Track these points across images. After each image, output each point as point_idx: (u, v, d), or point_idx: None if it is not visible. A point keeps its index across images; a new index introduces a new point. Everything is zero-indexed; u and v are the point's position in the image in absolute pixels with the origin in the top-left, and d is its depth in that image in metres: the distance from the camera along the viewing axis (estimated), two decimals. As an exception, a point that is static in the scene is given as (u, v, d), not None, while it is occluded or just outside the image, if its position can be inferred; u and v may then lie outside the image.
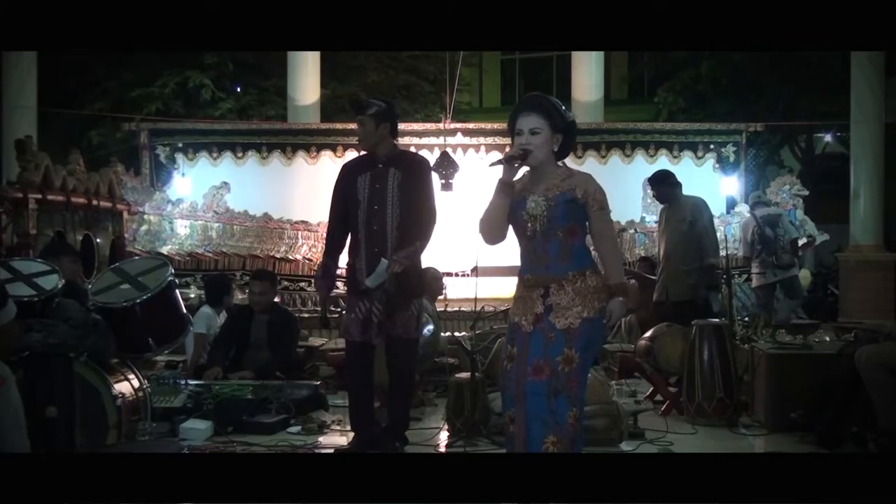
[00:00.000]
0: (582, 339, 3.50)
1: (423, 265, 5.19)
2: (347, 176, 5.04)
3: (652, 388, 6.67)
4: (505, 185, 3.52)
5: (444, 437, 5.45)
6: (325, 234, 5.68)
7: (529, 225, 3.54)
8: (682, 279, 6.97)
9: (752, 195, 9.73)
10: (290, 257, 10.17)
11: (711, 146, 10.94)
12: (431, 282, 7.19)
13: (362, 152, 5.25)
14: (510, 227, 3.64)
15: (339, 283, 6.43)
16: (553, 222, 3.53)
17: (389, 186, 4.90)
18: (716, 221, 9.96)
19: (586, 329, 3.51)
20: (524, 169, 3.63)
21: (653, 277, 7.66)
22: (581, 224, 3.60)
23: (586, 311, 3.51)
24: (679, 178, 7.33)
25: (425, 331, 6.47)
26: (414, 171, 4.99)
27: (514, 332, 3.61)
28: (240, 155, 10.89)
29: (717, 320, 6.40)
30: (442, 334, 7.12)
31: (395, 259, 4.80)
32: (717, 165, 10.88)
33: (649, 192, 8.92)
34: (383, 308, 4.89)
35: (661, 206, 7.38)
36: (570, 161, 3.81)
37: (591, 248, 3.70)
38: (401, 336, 4.99)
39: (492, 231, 3.58)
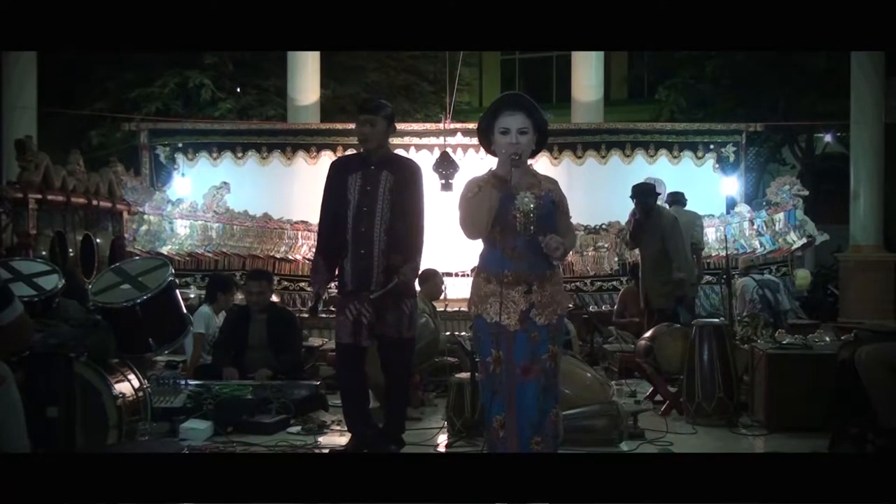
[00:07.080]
0: (559, 335, 3.69)
1: (423, 265, 5.18)
2: (338, 174, 4.96)
3: (652, 388, 6.68)
4: (500, 180, 3.56)
5: (444, 437, 5.45)
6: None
7: (519, 220, 3.56)
8: (659, 290, 7.56)
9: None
10: (290, 257, 10.17)
11: (711, 146, 10.93)
12: (431, 281, 7.21)
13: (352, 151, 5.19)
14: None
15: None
16: (540, 220, 3.59)
17: (381, 189, 4.81)
18: (715, 221, 10.08)
19: (562, 326, 3.74)
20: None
21: None
22: (554, 226, 3.67)
23: (560, 309, 3.67)
24: (678, 178, 7.43)
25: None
26: (407, 176, 4.89)
27: (497, 334, 3.56)
28: (240, 155, 10.89)
29: (716, 320, 6.41)
30: (442, 334, 7.11)
31: (402, 275, 4.76)
32: (717, 165, 10.88)
33: None
34: (373, 309, 4.80)
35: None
36: (569, 161, 3.87)
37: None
38: (393, 336, 4.88)
39: (482, 224, 3.57)
